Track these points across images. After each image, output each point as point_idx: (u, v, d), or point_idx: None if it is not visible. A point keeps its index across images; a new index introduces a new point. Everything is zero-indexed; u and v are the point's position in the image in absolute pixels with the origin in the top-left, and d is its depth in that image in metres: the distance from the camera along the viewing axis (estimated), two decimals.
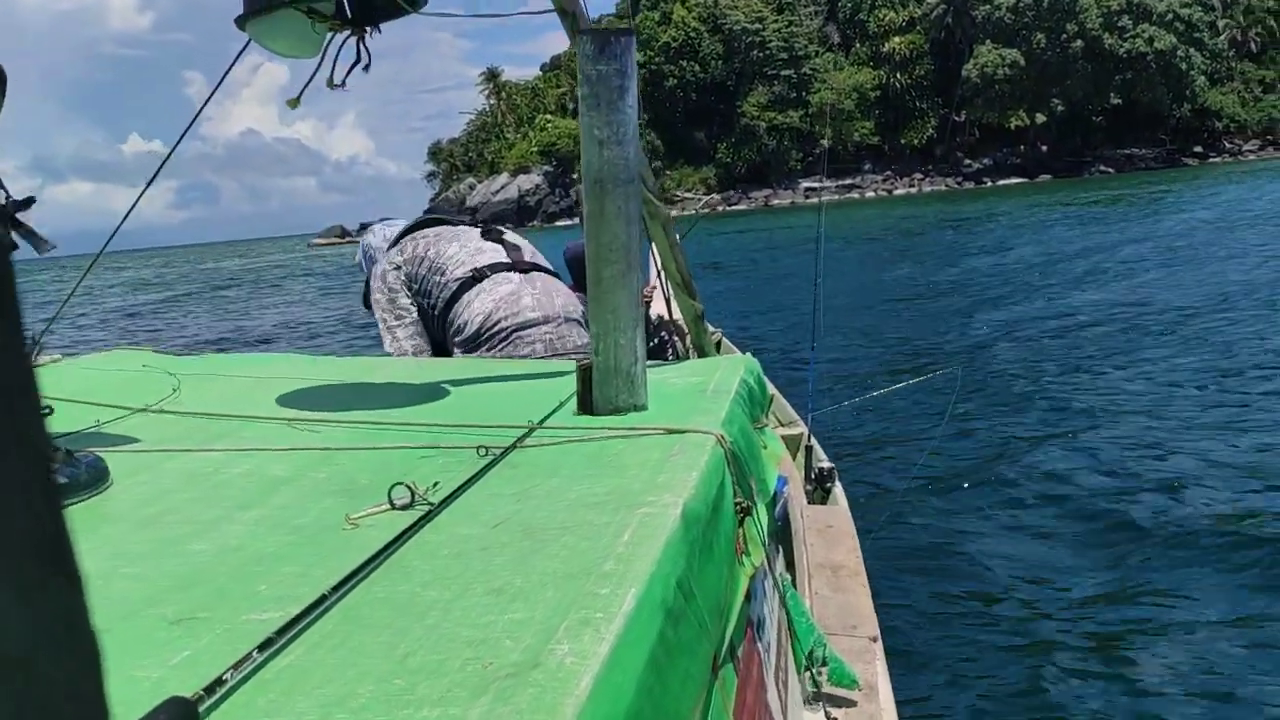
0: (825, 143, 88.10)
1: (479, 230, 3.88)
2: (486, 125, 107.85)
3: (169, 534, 1.30)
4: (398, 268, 3.69)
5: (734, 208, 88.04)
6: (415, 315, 3.65)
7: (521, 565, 1.05)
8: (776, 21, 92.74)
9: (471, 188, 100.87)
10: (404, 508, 1.30)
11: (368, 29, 2.25)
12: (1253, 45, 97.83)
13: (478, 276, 3.59)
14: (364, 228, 4.12)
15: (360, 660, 0.86)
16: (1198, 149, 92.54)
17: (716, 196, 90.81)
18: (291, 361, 3.03)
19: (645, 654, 0.88)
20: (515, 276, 3.64)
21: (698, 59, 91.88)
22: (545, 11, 2.42)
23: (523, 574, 1.02)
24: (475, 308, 3.53)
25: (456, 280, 3.58)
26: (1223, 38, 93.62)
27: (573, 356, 3.43)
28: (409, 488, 1.31)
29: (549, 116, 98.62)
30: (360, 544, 1.15)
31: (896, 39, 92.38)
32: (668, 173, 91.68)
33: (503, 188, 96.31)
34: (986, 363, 12.47)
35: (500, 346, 3.46)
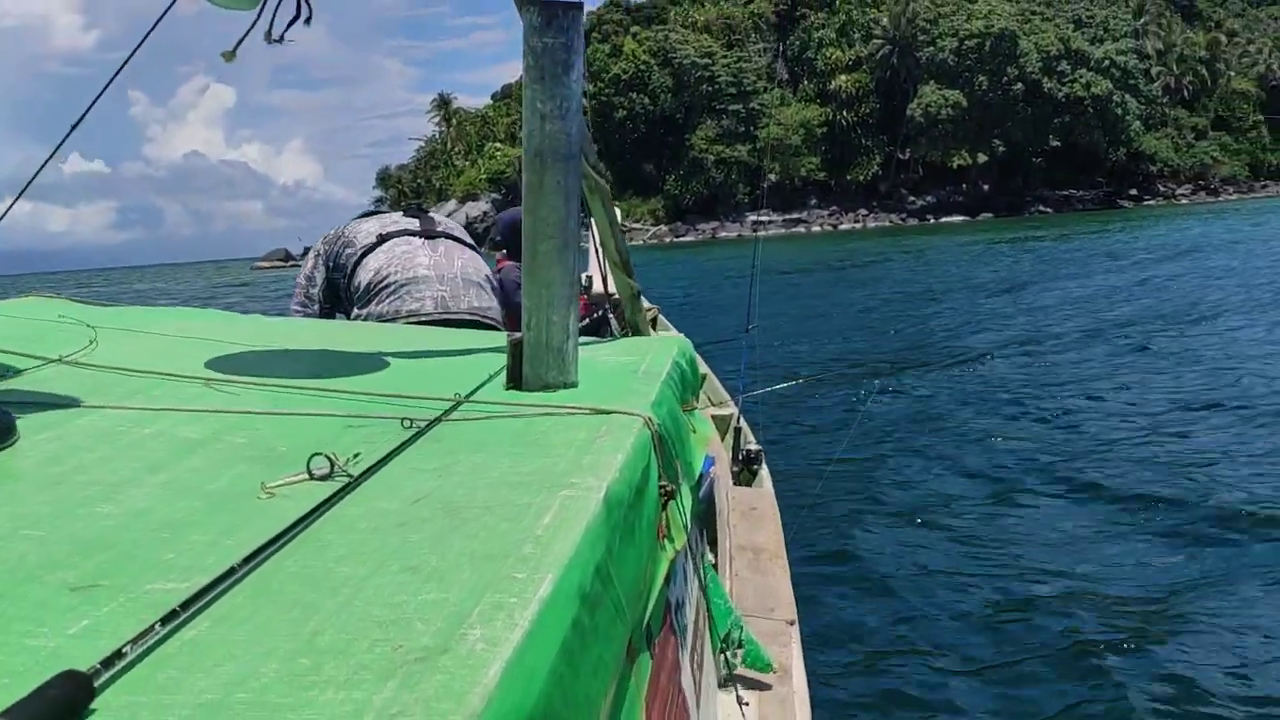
0: (772, 177, 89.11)
1: (403, 210, 3.95)
2: (435, 152, 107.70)
3: (74, 495, 1.25)
4: (318, 254, 3.76)
5: (681, 239, 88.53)
6: (317, 309, 3.71)
7: (439, 544, 1.03)
8: (726, 57, 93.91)
9: None
10: (323, 478, 1.25)
11: None
12: (1185, 92, 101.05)
13: (380, 240, 3.64)
14: (308, 251, 4.06)
15: (266, 637, 0.84)
16: (1133, 192, 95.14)
17: (664, 228, 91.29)
18: (215, 319, 2.90)
19: (558, 641, 0.88)
20: (417, 240, 3.68)
21: (647, 92, 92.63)
22: None
23: (439, 553, 1.01)
24: (369, 265, 3.57)
25: (362, 247, 3.63)
26: (1157, 84, 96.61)
27: (465, 317, 3.49)
28: (329, 458, 1.27)
29: (498, 145, 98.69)
30: (275, 514, 1.12)
31: (843, 77, 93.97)
32: (616, 203, 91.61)
33: (450, 214, 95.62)
34: (910, 365, 13.62)
35: (388, 300, 3.47)
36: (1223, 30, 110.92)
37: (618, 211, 2.93)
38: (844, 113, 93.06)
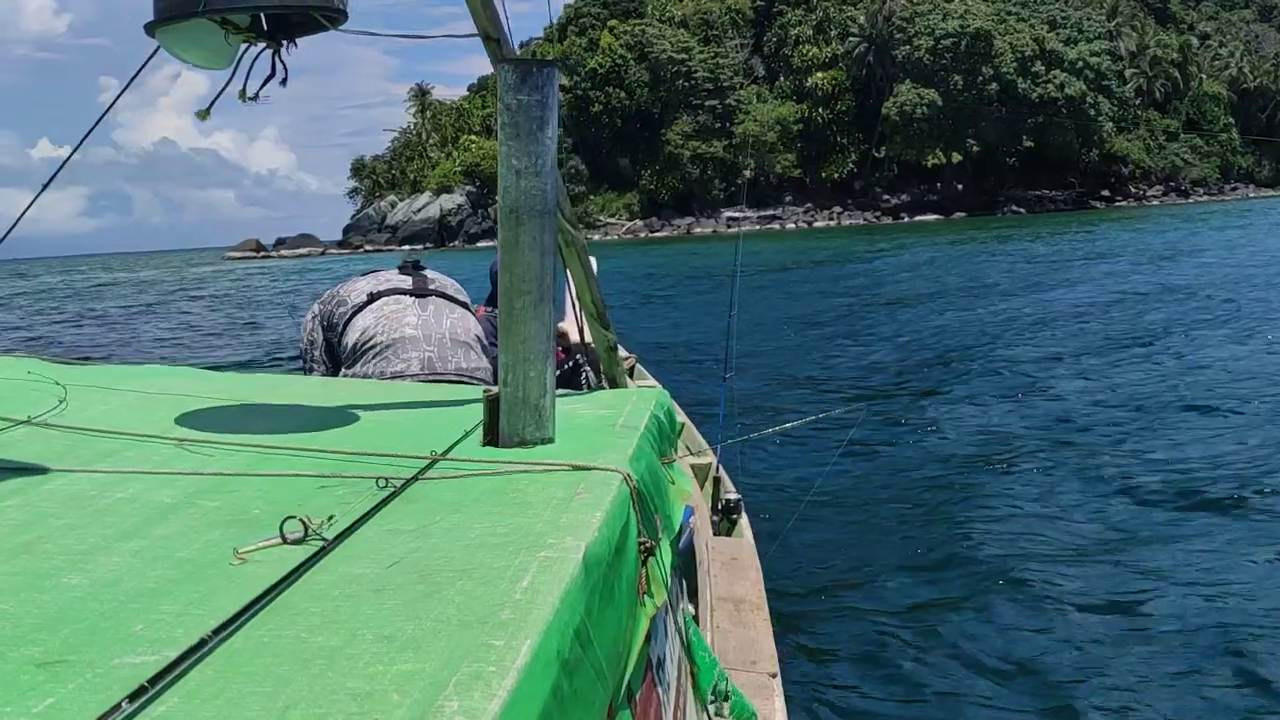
0: (747, 174, 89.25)
1: (398, 267, 3.94)
2: (410, 143, 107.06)
3: (41, 565, 1.23)
4: (314, 315, 3.77)
5: (656, 235, 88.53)
6: (323, 370, 3.73)
7: (415, 610, 1.02)
8: (703, 52, 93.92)
9: (393, 205, 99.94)
10: (296, 542, 1.24)
11: (284, 43, 2.17)
12: (1158, 95, 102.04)
13: (370, 299, 3.64)
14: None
15: (237, 713, 0.82)
16: (1105, 193, 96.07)
17: (639, 222, 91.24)
18: (188, 376, 2.90)
19: (537, 710, 0.87)
20: (407, 299, 3.68)
21: (624, 86, 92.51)
22: (469, 35, 2.37)
23: (415, 620, 0.99)
24: (357, 324, 3.58)
25: (353, 306, 3.64)
26: (1129, 87, 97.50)
27: (452, 378, 3.46)
28: (303, 521, 1.26)
29: (474, 137, 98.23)
30: (247, 581, 1.11)
31: (819, 74, 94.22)
32: (591, 197, 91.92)
33: (424, 206, 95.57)
34: (891, 393, 13.25)
35: (374, 361, 3.47)
36: (1195, 33, 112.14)
37: (594, 261, 2.91)
38: (820, 110, 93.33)
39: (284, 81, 2.20)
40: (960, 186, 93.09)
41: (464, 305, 3.87)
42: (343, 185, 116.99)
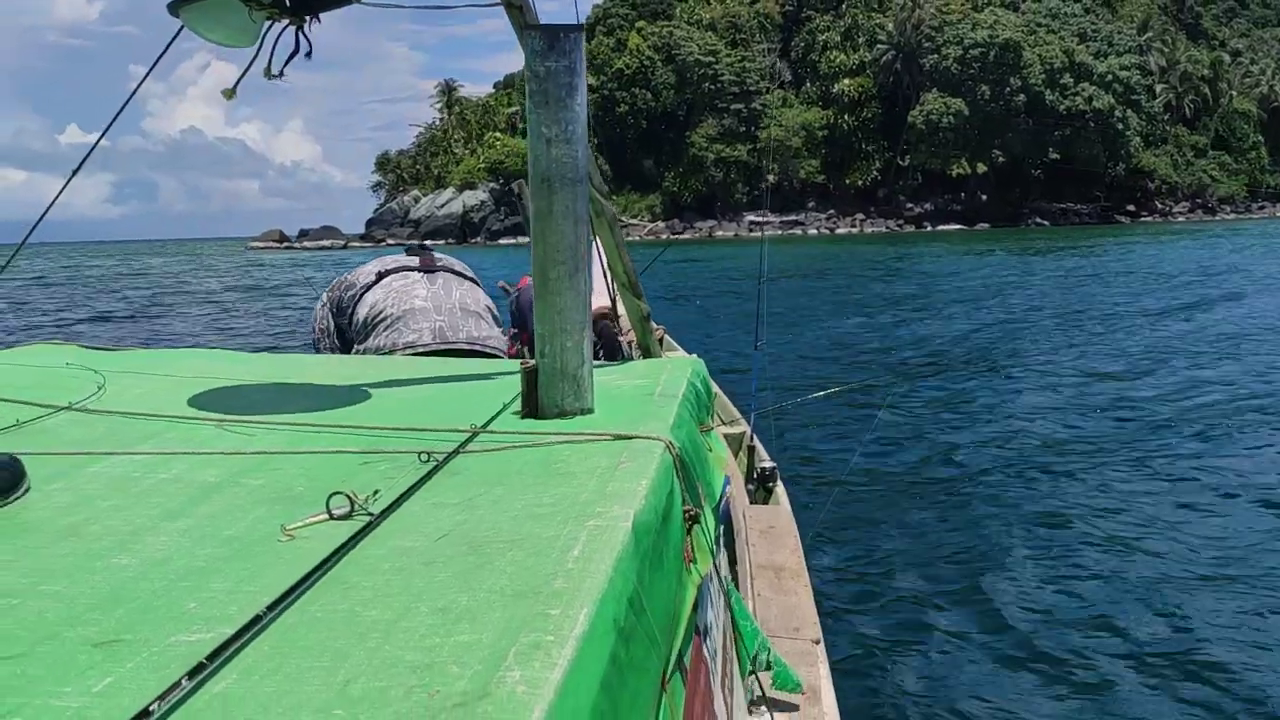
0: (771, 178, 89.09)
1: (404, 250, 4.00)
2: (436, 139, 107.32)
3: (91, 546, 1.22)
4: (324, 304, 3.81)
5: (679, 237, 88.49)
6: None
7: (468, 582, 1.01)
8: (730, 56, 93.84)
9: (416, 200, 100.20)
10: (343, 518, 1.24)
11: (307, 18, 2.17)
12: (1187, 110, 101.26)
13: (380, 277, 3.71)
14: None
15: (297, 688, 0.81)
16: (1130, 207, 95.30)
17: (661, 224, 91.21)
18: (224, 359, 2.90)
19: (598, 678, 0.86)
20: (415, 274, 3.73)
21: (650, 87, 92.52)
22: (492, 4, 2.34)
23: (469, 592, 0.99)
24: (366, 300, 3.65)
25: (362, 286, 3.71)
26: (1158, 101, 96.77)
27: (464, 347, 3.51)
28: (348, 496, 1.25)
29: (498, 134, 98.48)
30: (296, 557, 1.10)
31: (846, 81, 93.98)
32: (614, 198, 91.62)
33: (447, 202, 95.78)
34: (921, 374, 13.72)
35: (385, 334, 3.52)
36: (1227, 50, 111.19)
37: (624, 233, 2.90)
38: (845, 117, 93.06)
39: (309, 55, 2.21)
40: (984, 197, 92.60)
41: (472, 280, 3.92)
42: (367, 179, 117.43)
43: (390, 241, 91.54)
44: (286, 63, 2.18)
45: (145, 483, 1.49)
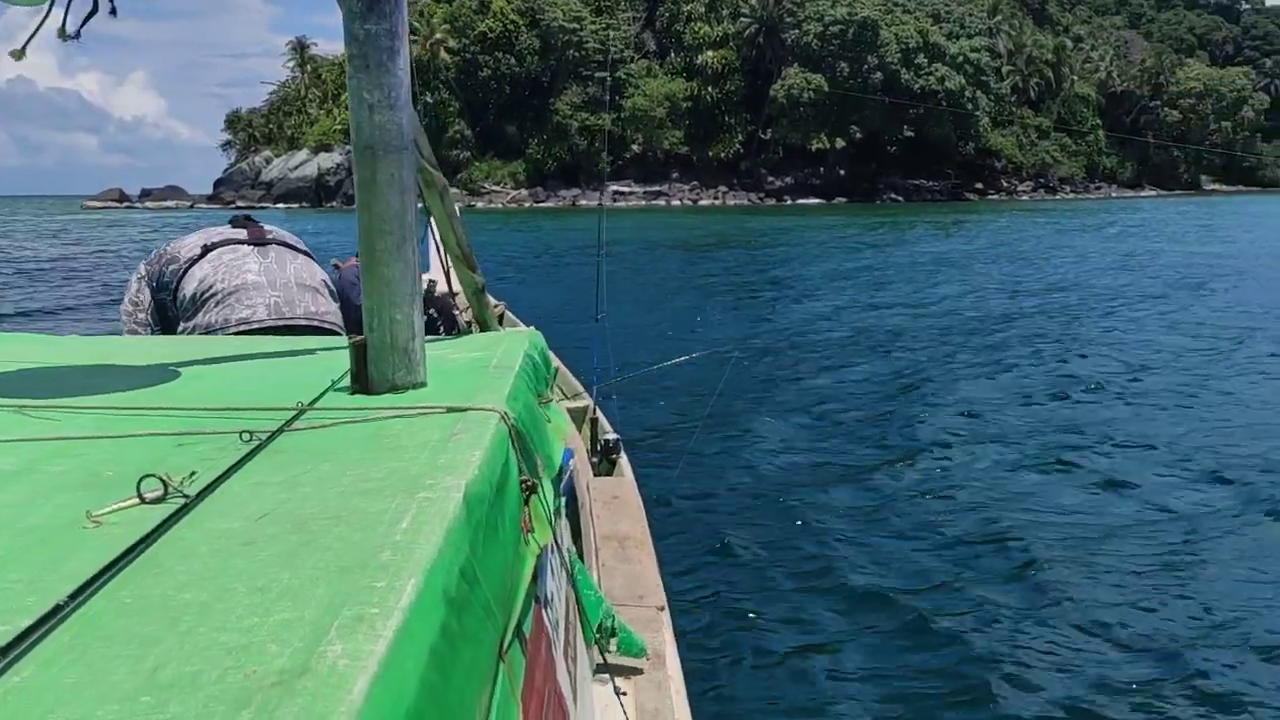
0: (635, 148, 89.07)
1: (229, 222, 3.81)
2: (289, 98, 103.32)
3: None
4: (141, 277, 3.59)
5: (542, 204, 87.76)
6: (149, 333, 3.56)
7: (290, 560, 0.98)
8: (595, 23, 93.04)
9: (268, 161, 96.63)
10: (156, 501, 1.16)
11: None
12: (1032, 93, 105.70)
13: (205, 251, 3.52)
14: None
15: (102, 677, 0.77)
16: (979, 185, 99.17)
17: (525, 192, 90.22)
18: (27, 341, 2.69)
19: (426, 649, 0.85)
20: (245, 248, 3.56)
21: (514, 52, 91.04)
22: None
23: (291, 569, 0.95)
24: (194, 275, 3.45)
25: (186, 260, 3.50)
26: (1006, 84, 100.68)
27: (301, 323, 3.40)
28: (161, 479, 1.18)
29: None
30: (104, 544, 1.03)
31: (710, 53, 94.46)
32: (476, 164, 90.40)
33: (302, 164, 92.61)
34: (758, 345, 14.29)
35: (216, 310, 3.36)
36: (1069, 35, 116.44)
37: (456, 206, 2.81)
38: (709, 89, 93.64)
39: (113, 12, 2.05)
40: (842, 172, 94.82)
41: (306, 253, 3.76)
42: (217, 137, 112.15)
43: (240, 204, 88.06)
44: (84, 23, 2.03)
45: None
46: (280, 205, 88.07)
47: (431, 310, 5.28)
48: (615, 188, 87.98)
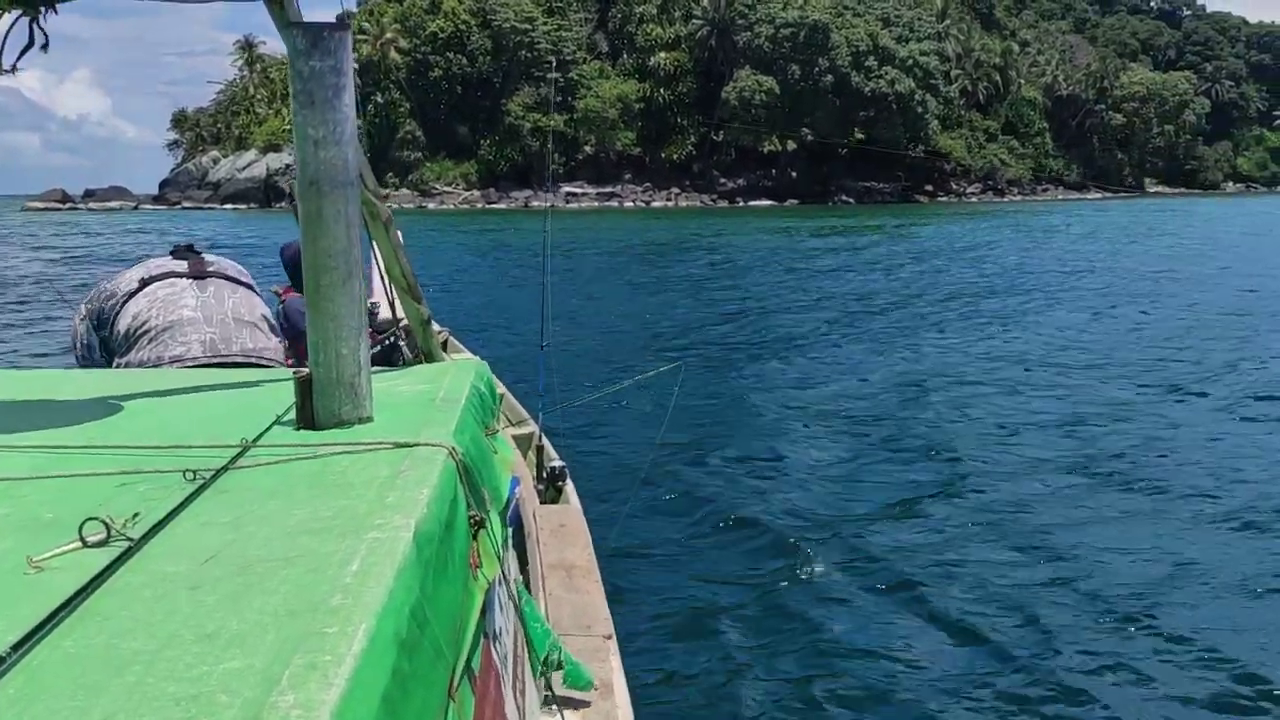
0: (587, 149, 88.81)
1: (170, 252, 3.71)
2: (237, 97, 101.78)
3: None
4: (83, 316, 3.51)
5: (494, 206, 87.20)
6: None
7: (237, 605, 0.95)
8: (547, 24, 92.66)
9: (215, 161, 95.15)
10: (98, 545, 1.13)
11: (42, 8, 1.97)
12: (980, 96, 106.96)
13: (143, 285, 3.44)
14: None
15: None
16: (929, 188, 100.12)
17: (476, 193, 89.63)
18: None
19: (379, 694, 0.83)
20: (183, 282, 3.48)
21: (465, 52, 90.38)
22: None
23: (239, 615, 0.93)
24: (129, 311, 3.37)
25: (124, 294, 3.42)
26: (955, 87, 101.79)
27: (238, 360, 3.34)
28: (104, 521, 1.15)
29: None
30: (46, 590, 1.00)
31: (663, 54, 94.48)
32: (427, 165, 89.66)
33: (250, 165, 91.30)
34: (708, 360, 14.20)
35: (149, 347, 3.28)
36: (1016, 40, 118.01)
37: (400, 235, 2.77)
38: (662, 90, 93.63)
39: (45, 47, 2.03)
40: (794, 174, 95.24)
41: (248, 286, 3.67)
42: (163, 136, 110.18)
43: (186, 204, 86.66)
44: (20, 56, 2.01)
45: None
46: (228, 206, 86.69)
47: (396, 334, 5.31)
48: (568, 189, 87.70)
